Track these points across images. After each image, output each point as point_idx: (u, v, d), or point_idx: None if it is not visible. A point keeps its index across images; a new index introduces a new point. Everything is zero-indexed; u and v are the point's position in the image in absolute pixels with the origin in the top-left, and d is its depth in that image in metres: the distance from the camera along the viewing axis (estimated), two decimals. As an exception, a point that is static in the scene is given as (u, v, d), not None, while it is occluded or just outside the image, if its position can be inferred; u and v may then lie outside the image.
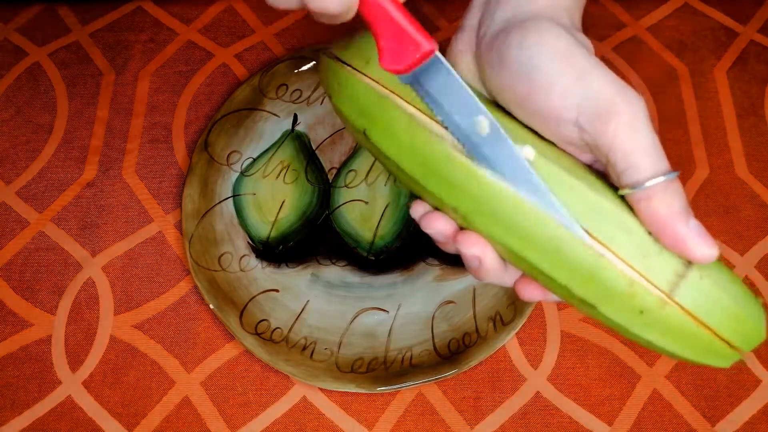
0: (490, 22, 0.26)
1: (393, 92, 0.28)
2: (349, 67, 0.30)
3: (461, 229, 0.27)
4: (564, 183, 0.24)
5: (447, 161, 0.26)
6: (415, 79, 0.25)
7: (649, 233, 0.23)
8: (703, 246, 0.23)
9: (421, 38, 0.25)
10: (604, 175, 0.26)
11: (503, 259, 0.27)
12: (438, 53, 0.25)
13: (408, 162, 0.27)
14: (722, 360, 0.24)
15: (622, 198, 0.24)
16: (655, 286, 0.23)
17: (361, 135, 0.30)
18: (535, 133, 0.26)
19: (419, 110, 0.27)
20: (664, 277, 0.23)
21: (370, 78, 0.29)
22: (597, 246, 0.23)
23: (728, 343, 0.24)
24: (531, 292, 0.28)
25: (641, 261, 0.23)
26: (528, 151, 0.25)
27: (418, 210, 0.29)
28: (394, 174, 0.29)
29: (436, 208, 0.28)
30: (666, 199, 0.23)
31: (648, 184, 0.23)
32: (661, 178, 0.23)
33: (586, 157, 0.26)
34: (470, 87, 0.26)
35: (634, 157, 0.23)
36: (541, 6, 0.26)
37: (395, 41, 0.24)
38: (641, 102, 0.24)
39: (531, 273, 0.26)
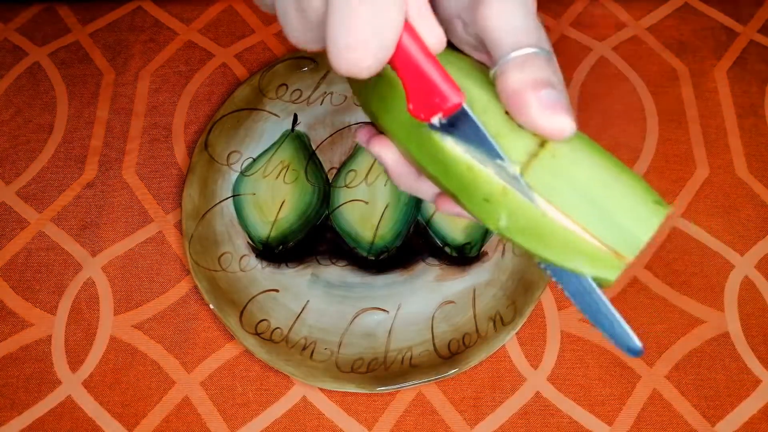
0: None
1: None
2: None
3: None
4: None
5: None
6: (441, 125, 0.23)
7: (506, 113, 0.22)
8: (552, 116, 0.20)
9: (450, 91, 0.22)
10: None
11: (410, 164, 0.26)
12: (465, 106, 0.23)
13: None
14: (597, 264, 0.20)
15: (487, 78, 0.23)
16: (498, 167, 0.21)
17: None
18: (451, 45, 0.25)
19: None
20: (516, 157, 0.20)
21: None
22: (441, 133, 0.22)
23: (607, 248, 0.20)
24: (443, 205, 0.27)
25: (501, 140, 0.21)
26: None
27: (362, 134, 0.29)
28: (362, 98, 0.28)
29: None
30: (521, 72, 0.21)
31: (504, 59, 0.21)
32: (519, 52, 0.21)
33: (484, 57, 0.25)
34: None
35: (497, 35, 0.22)
36: None
37: (423, 90, 0.22)
38: None
39: (420, 170, 0.25)
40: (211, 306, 0.41)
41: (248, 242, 0.43)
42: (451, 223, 0.43)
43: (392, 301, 0.42)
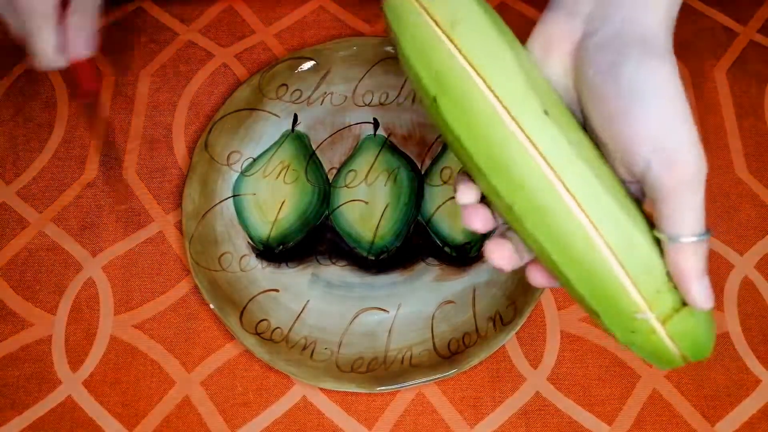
0: (605, 22, 0.27)
1: (477, 72, 0.26)
2: (430, 19, 0.27)
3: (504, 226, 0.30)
4: (617, 216, 0.26)
5: (520, 164, 0.26)
6: None
7: (667, 273, 0.26)
8: (704, 301, 0.26)
9: None
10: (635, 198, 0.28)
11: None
12: None
13: (476, 148, 0.27)
14: (669, 366, 0.28)
15: (653, 235, 0.27)
16: (653, 317, 0.26)
17: (429, 101, 0.28)
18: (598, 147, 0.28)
19: (498, 99, 0.26)
20: (662, 311, 0.26)
21: (453, 45, 0.26)
22: (622, 276, 0.26)
23: (684, 358, 0.28)
24: (541, 280, 0.30)
25: (653, 297, 0.26)
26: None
27: (464, 196, 0.30)
28: (450, 144, 0.29)
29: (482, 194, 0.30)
30: (693, 256, 0.26)
31: (684, 240, 0.26)
32: (694, 239, 0.25)
33: (628, 181, 0.28)
34: (550, 81, 0.28)
35: (681, 213, 0.25)
36: (656, 20, 0.27)
37: None
38: (705, 168, 0.25)
39: (558, 278, 0.29)
40: (212, 306, 0.41)
41: (248, 242, 0.43)
42: (451, 223, 0.43)
43: (392, 300, 0.42)
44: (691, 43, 0.49)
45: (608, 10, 0.27)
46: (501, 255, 0.30)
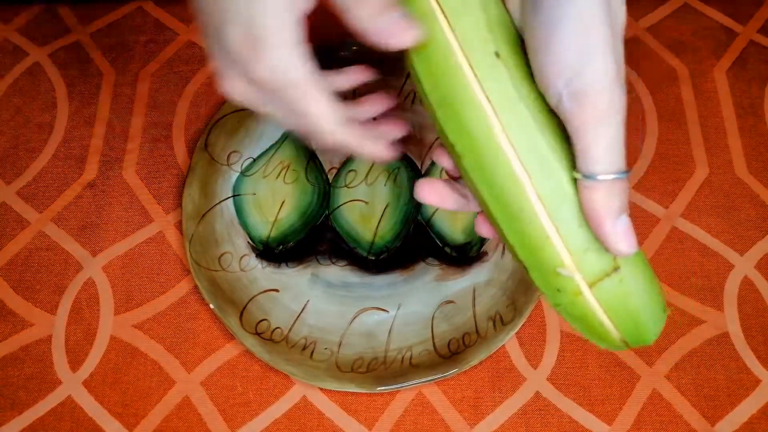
0: None
1: (442, 9, 0.27)
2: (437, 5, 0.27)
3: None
4: (551, 165, 0.26)
5: (463, 100, 0.26)
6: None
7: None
8: (622, 243, 0.25)
9: None
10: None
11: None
12: None
13: (430, 84, 0.27)
14: (607, 345, 0.27)
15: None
16: (580, 277, 0.26)
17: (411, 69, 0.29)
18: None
19: (456, 37, 0.26)
20: (591, 271, 0.25)
21: (453, 35, 0.27)
22: (549, 226, 0.25)
23: (622, 340, 0.27)
24: (485, 231, 0.30)
25: (580, 253, 0.25)
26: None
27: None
28: (416, 89, 0.29)
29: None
30: (607, 194, 0.24)
31: (598, 177, 0.24)
32: (611, 176, 0.24)
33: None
34: (508, 13, 0.27)
35: (594, 149, 0.24)
36: None
37: None
38: (619, 101, 0.24)
39: (494, 227, 0.28)
40: (212, 306, 0.41)
41: (248, 242, 0.43)
42: (451, 223, 0.43)
43: (392, 300, 0.42)
44: (691, 43, 0.49)
45: None
46: (428, 192, 0.30)
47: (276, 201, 0.44)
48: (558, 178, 0.25)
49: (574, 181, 0.25)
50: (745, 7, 0.50)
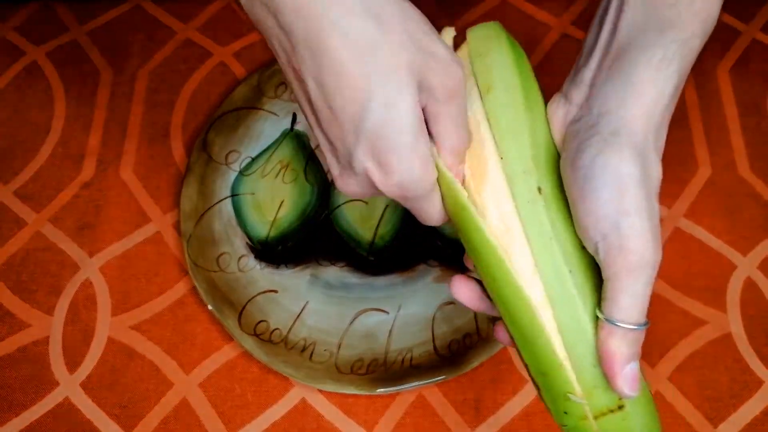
0: (589, 111, 0.28)
1: (495, 141, 0.29)
2: (472, 78, 0.30)
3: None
4: (573, 301, 0.27)
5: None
6: None
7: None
8: (627, 387, 0.26)
9: None
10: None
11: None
12: None
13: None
14: None
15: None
16: (588, 407, 0.27)
17: None
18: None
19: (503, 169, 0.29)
20: (597, 405, 0.27)
21: (484, 109, 0.29)
22: (563, 357, 0.27)
23: None
24: (503, 339, 0.31)
25: (590, 388, 0.27)
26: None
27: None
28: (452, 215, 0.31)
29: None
30: (622, 340, 0.26)
31: (618, 323, 0.26)
32: (630, 326, 0.26)
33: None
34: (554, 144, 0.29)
35: (621, 298, 0.26)
36: (635, 116, 0.27)
37: None
38: (654, 259, 0.26)
39: (511, 335, 0.30)
40: (210, 307, 0.40)
41: (247, 242, 0.43)
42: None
43: (392, 301, 0.41)
44: (694, 42, 0.49)
45: (595, 101, 0.28)
46: (462, 292, 0.31)
47: (275, 201, 0.44)
48: (579, 315, 0.27)
49: (596, 319, 0.27)
50: (748, 5, 0.50)
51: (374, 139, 0.27)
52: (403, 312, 0.41)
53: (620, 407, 0.27)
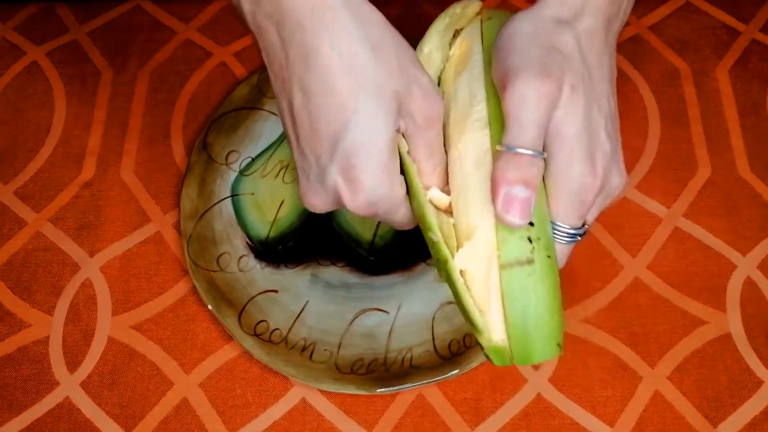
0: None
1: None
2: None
3: None
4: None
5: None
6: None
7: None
8: (503, 211, 0.27)
9: None
10: None
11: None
12: None
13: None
14: (478, 333, 0.29)
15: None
16: (495, 249, 0.28)
17: None
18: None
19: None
20: (507, 252, 0.28)
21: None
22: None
23: (504, 342, 0.28)
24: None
25: (505, 233, 0.28)
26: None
27: None
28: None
29: None
30: (507, 165, 0.27)
31: (502, 147, 0.28)
32: (513, 149, 0.27)
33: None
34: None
35: (508, 123, 0.28)
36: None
37: None
38: (538, 89, 0.27)
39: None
40: (210, 307, 0.40)
41: (247, 242, 0.43)
42: (452, 223, 0.43)
43: (392, 301, 0.41)
44: (693, 42, 0.49)
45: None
46: None
47: (275, 201, 0.44)
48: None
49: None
50: (746, 5, 0.50)
51: (349, 157, 0.28)
52: (403, 312, 0.41)
53: (529, 261, 0.27)
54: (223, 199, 0.44)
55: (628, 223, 0.43)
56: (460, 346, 0.40)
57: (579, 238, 0.29)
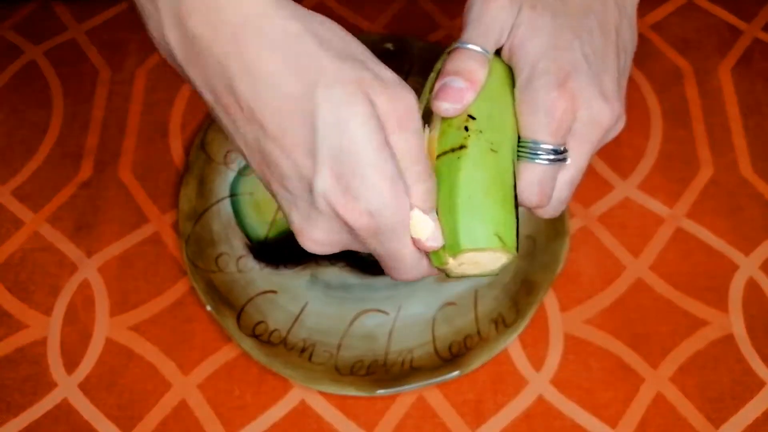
0: None
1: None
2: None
3: None
4: None
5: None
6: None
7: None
8: (436, 99, 0.28)
9: None
10: None
11: None
12: None
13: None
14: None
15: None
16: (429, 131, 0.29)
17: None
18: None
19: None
20: (443, 142, 0.28)
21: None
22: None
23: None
24: None
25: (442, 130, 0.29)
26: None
27: None
28: None
29: None
30: (449, 62, 0.29)
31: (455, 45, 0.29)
32: (458, 44, 0.29)
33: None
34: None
35: (466, 26, 0.30)
36: None
37: None
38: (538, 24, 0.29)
39: None
40: (209, 308, 0.40)
41: (246, 243, 0.43)
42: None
43: (392, 302, 0.41)
44: (696, 41, 0.49)
45: None
46: None
47: (274, 201, 0.43)
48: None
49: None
50: (749, 4, 0.50)
51: (333, 164, 0.24)
52: (403, 313, 0.41)
53: (461, 147, 0.27)
54: (221, 199, 0.44)
55: (630, 223, 0.43)
56: (461, 347, 0.39)
57: (560, 160, 0.28)
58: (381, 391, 0.38)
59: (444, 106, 0.28)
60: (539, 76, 0.28)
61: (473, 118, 0.28)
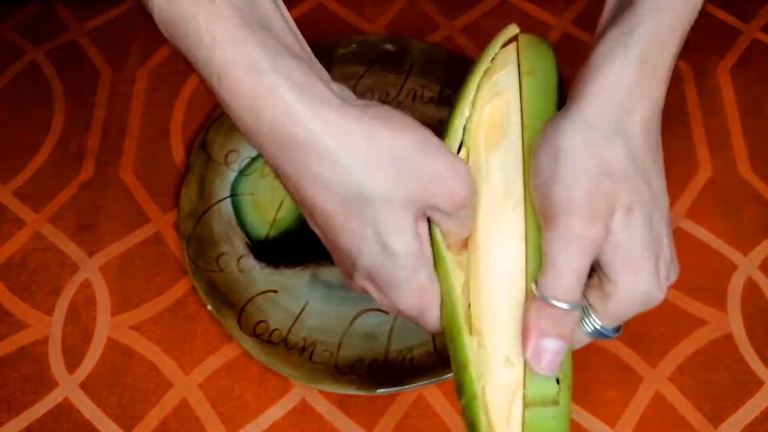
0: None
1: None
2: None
3: None
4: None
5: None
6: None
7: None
8: (533, 361, 0.26)
9: None
10: None
11: None
12: None
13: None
14: None
15: None
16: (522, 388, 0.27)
17: None
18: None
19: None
20: (534, 390, 0.27)
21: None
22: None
23: None
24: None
25: (529, 376, 0.27)
26: None
27: None
28: None
29: None
30: (541, 314, 0.26)
31: (539, 291, 0.26)
32: (551, 301, 0.25)
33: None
34: None
35: (548, 270, 0.25)
36: (590, 92, 0.27)
37: None
38: (583, 235, 0.25)
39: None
40: (209, 307, 0.40)
41: (246, 242, 0.43)
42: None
43: (392, 302, 0.41)
44: (695, 42, 0.49)
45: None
46: None
47: (275, 201, 0.44)
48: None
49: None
50: (748, 5, 0.50)
51: (371, 274, 0.28)
52: (403, 312, 0.41)
53: (554, 402, 0.26)
54: (222, 199, 0.44)
55: (628, 223, 0.43)
56: (461, 346, 0.39)
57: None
58: (381, 390, 0.38)
59: (542, 372, 0.26)
60: (641, 283, 0.26)
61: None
